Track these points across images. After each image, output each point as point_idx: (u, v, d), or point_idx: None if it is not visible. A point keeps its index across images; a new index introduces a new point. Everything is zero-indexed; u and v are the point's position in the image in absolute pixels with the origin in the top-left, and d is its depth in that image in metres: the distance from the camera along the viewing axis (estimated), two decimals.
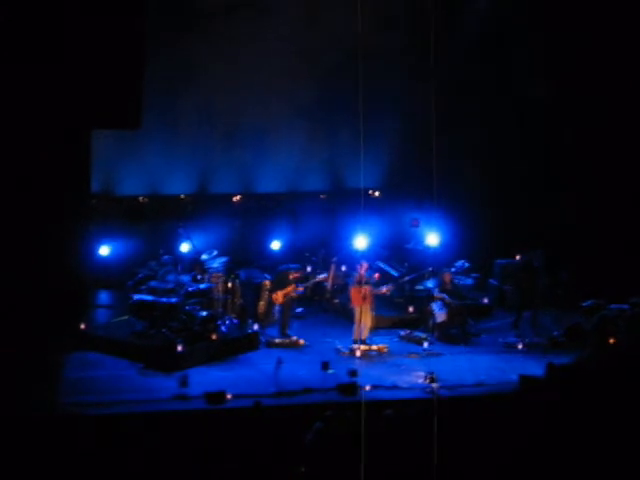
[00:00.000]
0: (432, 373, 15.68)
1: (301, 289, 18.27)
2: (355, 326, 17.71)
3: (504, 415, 13.88)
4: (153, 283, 17.80)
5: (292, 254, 19.50)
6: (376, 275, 18.19)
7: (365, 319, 17.70)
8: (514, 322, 18.50)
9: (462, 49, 21.42)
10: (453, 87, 19.79)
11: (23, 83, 12.40)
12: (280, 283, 18.32)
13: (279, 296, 18.19)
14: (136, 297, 17.67)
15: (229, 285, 18.48)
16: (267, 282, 18.59)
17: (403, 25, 21.41)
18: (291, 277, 18.29)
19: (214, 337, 17.25)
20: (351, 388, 15.39)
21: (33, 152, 13.14)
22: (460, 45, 21.42)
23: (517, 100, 21.65)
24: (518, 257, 19.29)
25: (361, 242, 18.70)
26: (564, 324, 18.59)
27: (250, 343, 17.80)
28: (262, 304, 18.44)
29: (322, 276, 18.77)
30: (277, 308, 18.24)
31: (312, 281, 18.64)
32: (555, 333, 18.33)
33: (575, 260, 19.36)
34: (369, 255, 18.64)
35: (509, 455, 12.60)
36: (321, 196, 22.85)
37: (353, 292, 17.95)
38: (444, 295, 18.29)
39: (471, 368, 16.80)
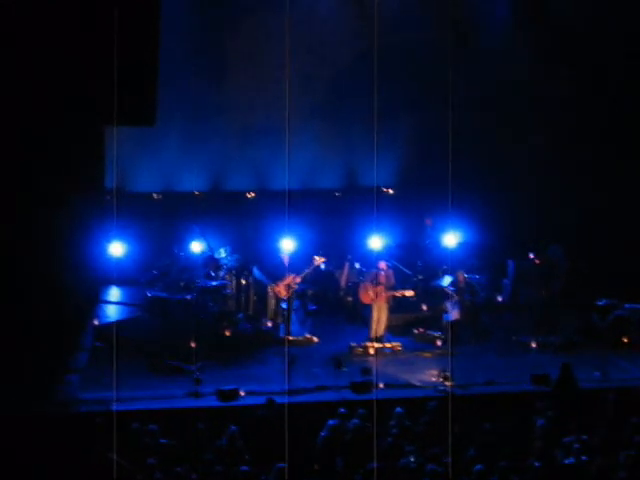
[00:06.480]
0: (445, 371, 15.64)
1: (300, 279, 17.99)
2: (371, 324, 17.68)
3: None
4: (167, 280, 17.82)
5: (305, 251, 19.41)
6: (390, 273, 18.13)
7: (381, 316, 17.67)
8: (535, 325, 18.39)
9: (481, 46, 21.31)
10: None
11: (37, 80, 12.41)
12: (277, 276, 18.13)
13: (281, 288, 17.99)
14: (150, 294, 17.70)
15: (242, 282, 18.47)
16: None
17: (419, 24, 21.34)
18: (285, 260, 18.10)
19: (228, 334, 17.27)
20: (364, 386, 15.39)
21: (47, 149, 13.14)
22: (479, 42, 21.31)
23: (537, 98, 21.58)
24: (532, 255, 19.22)
25: (376, 241, 18.62)
26: (578, 323, 18.55)
27: (263, 340, 17.81)
28: (272, 302, 18.36)
29: (317, 259, 18.24)
30: (284, 305, 18.03)
31: (309, 269, 18.33)
32: (569, 332, 18.27)
33: (588, 257, 19.29)
34: (383, 254, 18.56)
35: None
36: (336, 194, 22.81)
37: (362, 290, 17.89)
38: (457, 294, 18.25)
39: (484, 366, 16.77)
